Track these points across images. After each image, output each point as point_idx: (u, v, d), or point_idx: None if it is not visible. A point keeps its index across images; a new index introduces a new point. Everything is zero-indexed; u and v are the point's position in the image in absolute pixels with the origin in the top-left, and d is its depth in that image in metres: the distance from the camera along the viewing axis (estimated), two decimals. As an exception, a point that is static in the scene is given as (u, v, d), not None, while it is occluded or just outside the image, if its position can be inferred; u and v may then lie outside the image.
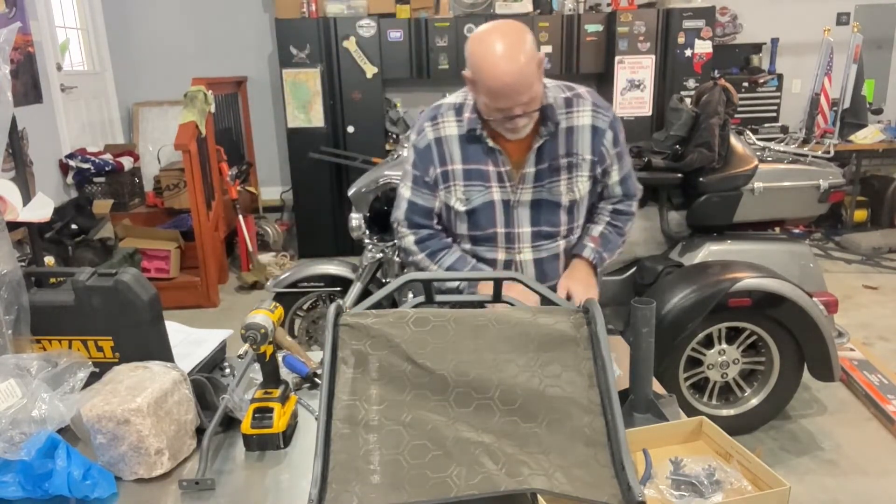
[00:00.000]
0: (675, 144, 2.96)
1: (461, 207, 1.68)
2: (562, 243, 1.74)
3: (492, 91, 1.47)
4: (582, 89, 1.68)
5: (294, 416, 1.28)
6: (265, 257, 4.96)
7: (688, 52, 5.21)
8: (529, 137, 1.62)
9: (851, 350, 3.38)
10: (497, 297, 1.44)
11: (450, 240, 1.76)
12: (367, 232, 2.88)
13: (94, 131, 5.29)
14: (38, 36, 4.39)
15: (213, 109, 4.61)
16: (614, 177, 1.74)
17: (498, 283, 1.42)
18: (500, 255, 1.73)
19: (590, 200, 1.75)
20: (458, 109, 1.66)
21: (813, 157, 3.24)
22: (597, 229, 1.78)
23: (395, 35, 5.11)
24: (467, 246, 1.75)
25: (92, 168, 4.67)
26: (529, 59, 1.46)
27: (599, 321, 1.14)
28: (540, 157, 1.64)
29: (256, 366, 1.30)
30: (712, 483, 1.03)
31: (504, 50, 1.44)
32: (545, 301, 1.31)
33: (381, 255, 2.85)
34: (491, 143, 1.62)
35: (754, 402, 2.73)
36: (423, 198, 1.72)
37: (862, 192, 5.44)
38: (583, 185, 1.68)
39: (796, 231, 5.00)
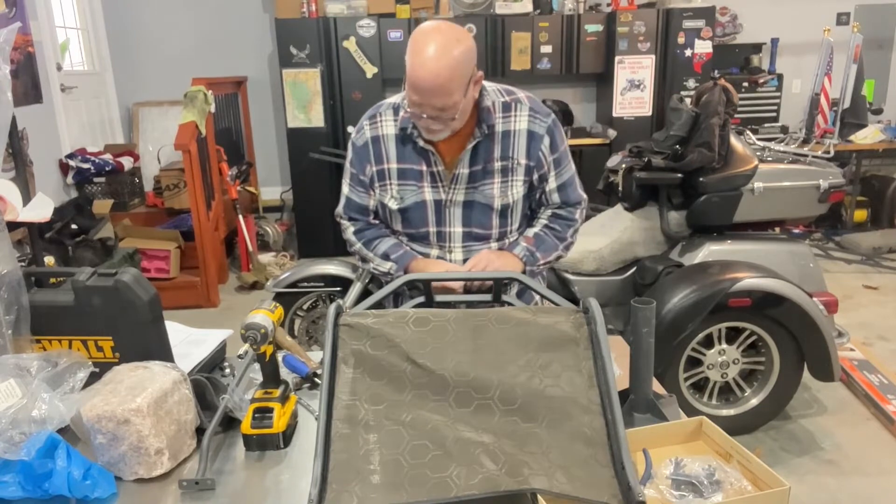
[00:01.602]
0: (675, 144, 2.96)
1: (394, 206, 1.70)
2: (494, 245, 1.74)
3: (410, 82, 1.48)
4: (521, 94, 1.67)
5: (294, 416, 1.28)
6: (265, 257, 4.96)
7: (688, 52, 5.21)
8: (464, 138, 1.62)
9: (851, 350, 3.38)
10: (497, 297, 1.44)
11: (386, 229, 1.80)
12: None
13: (94, 131, 5.29)
14: (38, 36, 4.39)
15: (213, 109, 4.61)
16: (551, 183, 1.71)
17: (498, 283, 1.42)
18: (434, 252, 1.74)
19: (525, 206, 1.74)
20: (396, 109, 1.67)
21: (813, 157, 3.24)
22: (532, 231, 1.77)
23: (395, 35, 5.11)
24: (404, 241, 1.78)
25: (92, 168, 4.67)
26: (456, 68, 1.45)
27: (599, 321, 1.14)
28: (474, 158, 1.64)
29: (256, 366, 1.30)
30: (712, 483, 1.03)
31: (435, 50, 1.43)
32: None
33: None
34: (422, 143, 1.62)
35: (754, 402, 2.73)
36: (359, 195, 1.75)
37: (862, 192, 5.44)
38: (517, 190, 1.68)
39: (796, 231, 5.00)
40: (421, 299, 1.44)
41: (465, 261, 1.72)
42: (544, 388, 1.09)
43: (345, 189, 1.78)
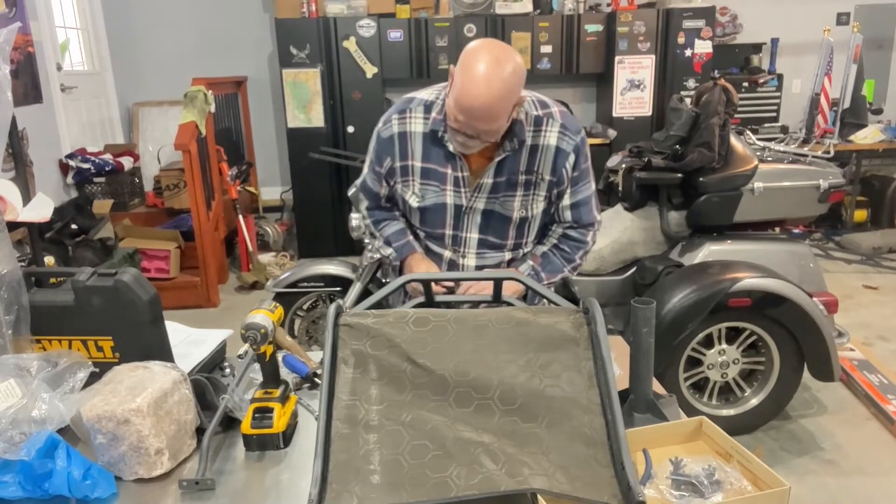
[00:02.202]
0: (675, 144, 2.96)
1: (415, 203, 1.70)
2: (507, 255, 1.73)
3: (457, 102, 1.46)
4: (555, 109, 1.64)
5: (294, 416, 1.28)
6: (265, 257, 4.96)
7: (688, 52, 5.21)
8: (492, 149, 1.60)
9: (851, 350, 3.38)
10: (497, 298, 1.44)
11: (397, 212, 1.83)
12: (367, 232, 2.88)
13: (94, 131, 5.29)
14: (38, 36, 4.39)
15: (213, 109, 4.61)
16: (565, 200, 1.69)
17: (498, 283, 1.42)
18: (448, 254, 1.74)
19: (543, 220, 1.72)
20: (428, 107, 1.65)
21: (813, 157, 3.24)
22: (541, 249, 1.76)
23: (395, 35, 5.11)
24: (421, 235, 1.79)
25: (92, 168, 4.67)
26: (505, 97, 1.43)
27: (599, 321, 1.14)
28: (500, 170, 1.62)
29: (256, 366, 1.30)
30: (712, 483, 1.03)
31: (487, 75, 1.41)
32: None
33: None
34: (451, 148, 1.61)
35: (754, 402, 2.73)
36: (373, 182, 1.78)
37: (862, 192, 5.44)
38: (538, 205, 1.67)
39: (796, 231, 5.00)
40: (421, 299, 1.44)
41: (477, 267, 1.72)
42: (544, 388, 1.09)
43: (365, 169, 1.81)
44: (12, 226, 2.27)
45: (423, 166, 1.67)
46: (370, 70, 5.11)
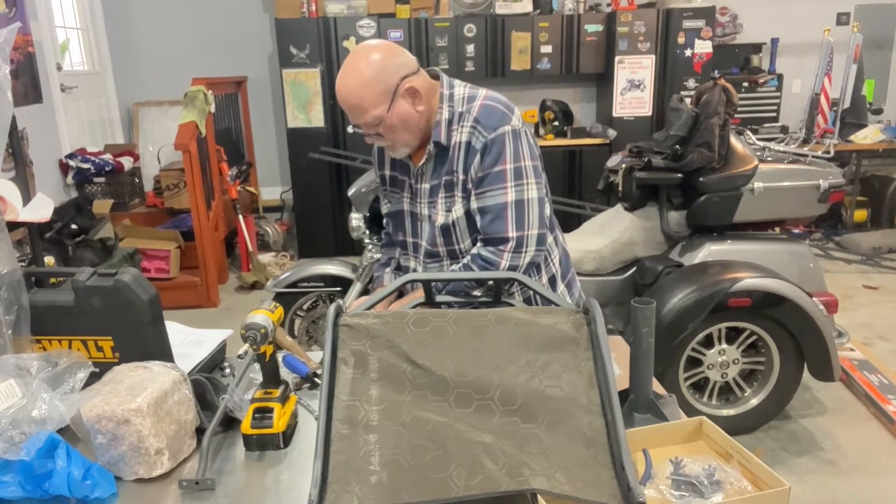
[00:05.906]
0: (675, 144, 2.96)
1: (384, 209, 1.79)
2: (446, 263, 1.67)
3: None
4: (478, 102, 1.53)
5: (294, 416, 1.28)
6: (265, 257, 4.96)
7: (688, 52, 5.21)
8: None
9: (851, 350, 3.38)
10: (497, 299, 1.44)
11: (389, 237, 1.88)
12: (367, 232, 2.88)
13: (94, 131, 5.29)
14: (38, 36, 4.39)
15: (213, 109, 4.61)
16: (473, 203, 1.55)
17: (498, 283, 1.42)
18: (412, 263, 1.76)
19: (470, 223, 1.61)
20: None
21: (813, 157, 3.24)
22: (451, 267, 1.67)
23: (395, 35, 5.11)
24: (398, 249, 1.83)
25: (92, 168, 4.67)
26: (366, 86, 1.47)
27: (599, 321, 1.14)
28: (430, 173, 1.62)
29: (256, 366, 1.30)
30: (712, 483, 1.03)
31: (347, 69, 1.49)
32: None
33: (381, 255, 2.85)
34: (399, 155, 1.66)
35: (754, 402, 2.73)
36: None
37: (862, 192, 5.45)
38: (457, 207, 1.58)
39: (796, 231, 5.00)
40: (421, 299, 1.44)
41: None
42: (544, 389, 1.09)
43: None
44: (12, 226, 2.27)
45: (389, 174, 1.73)
46: (370, 70, 5.10)
